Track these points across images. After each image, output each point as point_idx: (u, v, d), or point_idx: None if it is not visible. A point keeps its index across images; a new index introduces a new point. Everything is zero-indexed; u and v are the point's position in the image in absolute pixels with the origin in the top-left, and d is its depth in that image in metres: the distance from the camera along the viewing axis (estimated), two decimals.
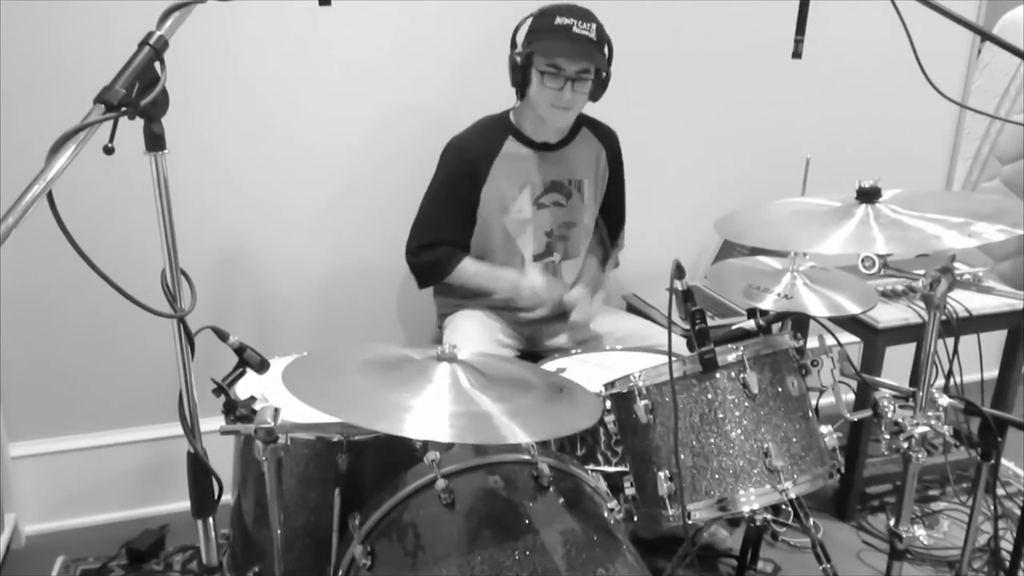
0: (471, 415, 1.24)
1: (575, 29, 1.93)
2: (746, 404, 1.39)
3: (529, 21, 2.02)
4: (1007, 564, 1.70)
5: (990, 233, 1.23)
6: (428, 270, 2.18)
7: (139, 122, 1.08)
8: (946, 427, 1.39)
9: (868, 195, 1.41)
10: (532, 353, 2.23)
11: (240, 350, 1.42)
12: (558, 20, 1.94)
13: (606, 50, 2.02)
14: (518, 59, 2.00)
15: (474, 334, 2.09)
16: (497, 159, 2.09)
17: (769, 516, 2.19)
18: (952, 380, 1.98)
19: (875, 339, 2.26)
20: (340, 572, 1.42)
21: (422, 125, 2.35)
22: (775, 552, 2.25)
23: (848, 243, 1.32)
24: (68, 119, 0.95)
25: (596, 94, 2.05)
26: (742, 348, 1.41)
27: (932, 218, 1.33)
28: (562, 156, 2.16)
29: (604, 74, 2.02)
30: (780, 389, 1.43)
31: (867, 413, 1.48)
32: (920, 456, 1.39)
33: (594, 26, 1.97)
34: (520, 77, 2.03)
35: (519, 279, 2.15)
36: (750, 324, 1.58)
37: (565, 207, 2.18)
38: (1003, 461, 2.62)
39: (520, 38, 2.03)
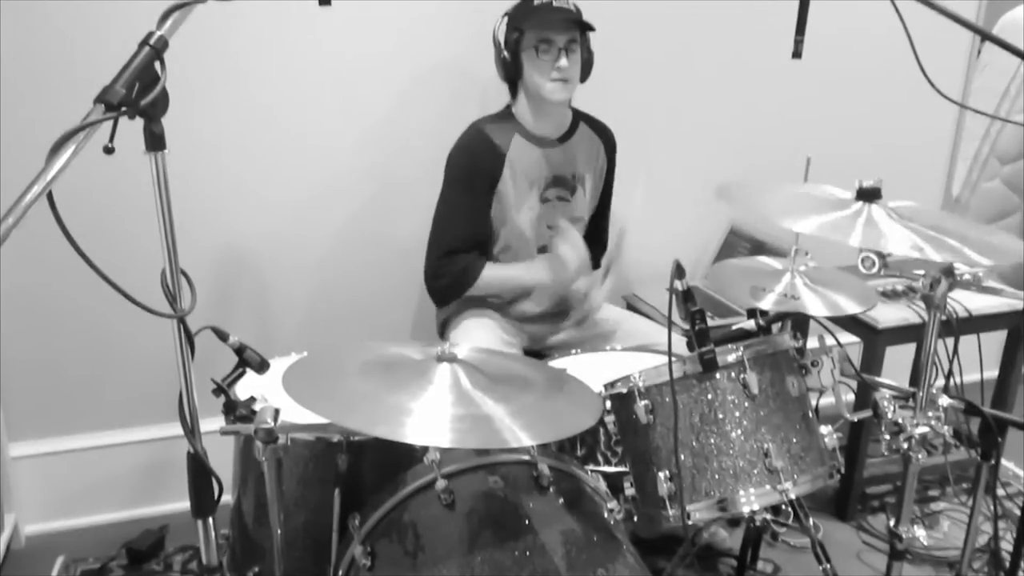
0: (472, 418, 1.23)
1: (555, 3, 2.01)
2: (746, 404, 1.39)
3: (505, 19, 2.06)
4: (1007, 564, 1.70)
5: None
6: (453, 281, 2.08)
7: (139, 122, 1.08)
8: (946, 427, 1.39)
9: (868, 195, 1.41)
10: (534, 352, 2.23)
11: (240, 350, 1.42)
12: (537, 1, 2.01)
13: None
14: (506, 52, 2.03)
15: (479, 336, 2.09)
16: (508, 156, 2.09)
17: (769, 516, 2.19)
18: (952, 380, 1.98)
19: (875, 339, 2.26)
20: (340, 572, 1.42)
21: (424, 123, 2.35)
22: (775, 552, 2.25)
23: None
24: (68, 119, 0.95)
25: (585, 72, 2.08)
26: (742, 348, 1.41)
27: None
28: (565, 151, 2.16)
29: (588, 52, 2.06)
30: (780, 389, 1.43)
31: (867, 413, 1.48)
32: (920, 456, 1.39)
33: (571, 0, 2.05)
34: (512, 70, 2.04)
35: (551, 260, 2.12)
36: (750, 324, 1.58)
37: (569, 202, 2.19)
38: (1003, 461, 2.61)
39: (502, 34, 2.06)
